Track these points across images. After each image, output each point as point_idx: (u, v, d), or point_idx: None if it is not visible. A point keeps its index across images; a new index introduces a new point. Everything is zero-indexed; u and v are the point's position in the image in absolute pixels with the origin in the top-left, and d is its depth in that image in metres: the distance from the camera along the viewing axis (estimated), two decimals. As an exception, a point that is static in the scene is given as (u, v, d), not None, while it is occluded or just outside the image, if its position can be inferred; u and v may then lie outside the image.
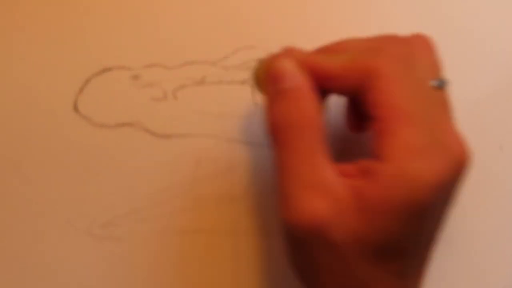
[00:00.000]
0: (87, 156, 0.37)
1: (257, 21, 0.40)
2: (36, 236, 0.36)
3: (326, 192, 0.26)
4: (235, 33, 0.39)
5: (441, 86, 0.30)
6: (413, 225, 0.27)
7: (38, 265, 0.36)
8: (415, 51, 0.29)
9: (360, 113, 0.31)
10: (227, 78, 0.39)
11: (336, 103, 0.37)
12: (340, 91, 0.30)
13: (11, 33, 0.39)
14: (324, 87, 0.29)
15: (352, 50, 0.30)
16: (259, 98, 0.38)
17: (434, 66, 0.30)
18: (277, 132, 0.27)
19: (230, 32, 0.39)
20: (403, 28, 0.41)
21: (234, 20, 0.40)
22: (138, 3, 0.40)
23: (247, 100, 0.39)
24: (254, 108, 0.38)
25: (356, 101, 0.31)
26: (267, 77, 0.29)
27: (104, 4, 0.40)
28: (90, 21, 0.39)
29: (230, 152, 0.38)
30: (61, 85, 0.38)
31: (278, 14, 0.40)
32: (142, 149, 0.38)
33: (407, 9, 0.41)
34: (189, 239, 0.37)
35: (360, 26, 0.40)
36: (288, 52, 0.30)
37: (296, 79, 0.28)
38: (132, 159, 0.37)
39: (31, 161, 0.37)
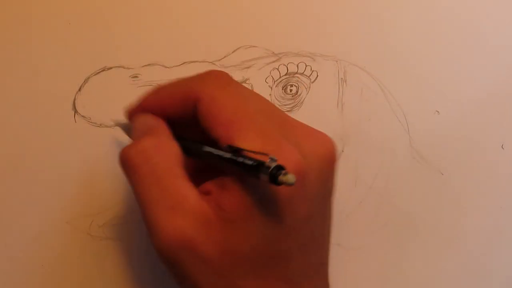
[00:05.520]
0: (86, 156, 0.37)
1: (257, 21, 0.40)
2: (36, 236, 0.36)
3: (188, 211, 0.26)
4: (235, 32, 0.39)
5: None
6: (279, 224, 0.27)
7: (38, 265, 0.36)
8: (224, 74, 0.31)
9: None
10: (227, 78, 0.39)
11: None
12: (183, 119, 0.30)
13: (11, 33, 0.39)
14: (170, 116, 0.31)
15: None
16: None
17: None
18: (130, 162, 0.28)
19: (230, 32, 0.39)
20: (403, 27, 0.41)
21: (234, 20, 0.39)
22: (138, 2, 0.40)
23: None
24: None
25: None
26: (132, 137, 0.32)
27: (103, 3, 0.39)
28: (89, 20, 0.39)
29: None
30: (60, 85, 0.38)
31: (278, 14, 0.40)
32: (142, 149, 0.38)
33: (408, 10, 0.41)
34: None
35: (360, 26, 0.40)
36: (129, 114, 0.33)
37: (151, 124, 0.30)
38: (131, 159, 0.37)
39: (30, 161, 0.37)
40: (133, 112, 0.32)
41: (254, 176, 0.25)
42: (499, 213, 0.39)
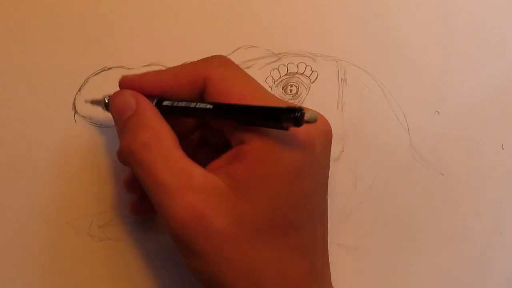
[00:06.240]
0: (86, 156, 0.37)
1: (257, 21, 0.40)
2: (36, 236, 0.36)
3: (197, 187, 0.27)
4: (235, 32, 0.39)
5: None
6: (291, 193, 0.27)
7: (38, 265, 0.36)
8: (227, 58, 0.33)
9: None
10: (227, 78, 0.39)
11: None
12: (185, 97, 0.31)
13: (11, 32, 0.39)
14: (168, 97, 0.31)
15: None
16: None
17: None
18: (134, 156, 0.29)
19: (230, 32, 0.39)
20: (403, 28, 0.41)
21: (234, 20, 0.39)
22: (138, 3, 0.40)
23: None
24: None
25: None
26: (112, 116, 0.32)
27: (103, 4, 0.39)
28: (89, 20, 0.39)
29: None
30: (60, 85, 0.38)
31: (278, 14, 0.40)
32: (142, 149, 0.38)
33: (408, 10, 0.41)
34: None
35: (360, 26, 0.40)
36: (123, 82, 0.33)
37: (132, 104, 0.31)
38: (131, 159, 0.37)
39: (30, 161, 0.37)
40: (127, 84, 0.32)
41: (274, 122, 0.26)
42: (499, 213, 0.39)
